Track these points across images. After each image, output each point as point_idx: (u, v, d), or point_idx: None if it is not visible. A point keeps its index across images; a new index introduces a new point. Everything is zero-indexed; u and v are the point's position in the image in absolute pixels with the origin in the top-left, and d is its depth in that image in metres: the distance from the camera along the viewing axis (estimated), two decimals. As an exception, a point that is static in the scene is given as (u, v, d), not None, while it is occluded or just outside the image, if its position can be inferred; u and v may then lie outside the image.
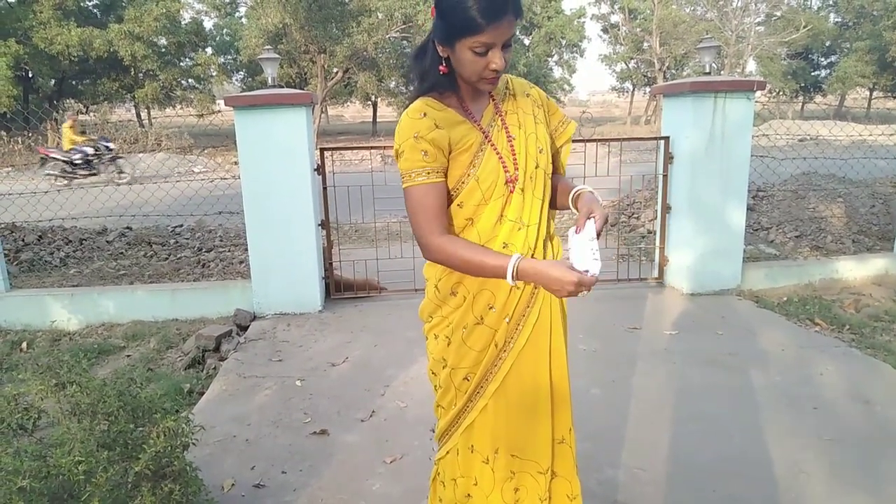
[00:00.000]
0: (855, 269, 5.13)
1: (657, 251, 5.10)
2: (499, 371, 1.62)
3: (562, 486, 1.72)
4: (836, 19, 35.37)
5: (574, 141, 2.75)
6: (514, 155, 1.56)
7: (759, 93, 4.71)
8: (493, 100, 1.60)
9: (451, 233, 1.55)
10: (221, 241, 6.94)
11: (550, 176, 1.64)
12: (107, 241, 6.89)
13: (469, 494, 1.74)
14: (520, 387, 1.63)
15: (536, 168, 1.57)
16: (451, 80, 1.52)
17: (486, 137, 1.55)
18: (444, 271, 1.61)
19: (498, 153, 1.55)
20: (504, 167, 1.55)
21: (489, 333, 1.60)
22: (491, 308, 1.58)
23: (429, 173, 1.49)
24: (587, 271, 1.39)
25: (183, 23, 24.48)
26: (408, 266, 4.95)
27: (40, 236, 6.73)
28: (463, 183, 1.54)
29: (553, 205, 1.69)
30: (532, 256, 1.56)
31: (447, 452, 1.74)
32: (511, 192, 1.55)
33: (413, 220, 1.52)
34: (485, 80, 1.46)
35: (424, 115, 1.50)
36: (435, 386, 1.75)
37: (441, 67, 1.48)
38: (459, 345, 1.63)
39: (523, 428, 1.65)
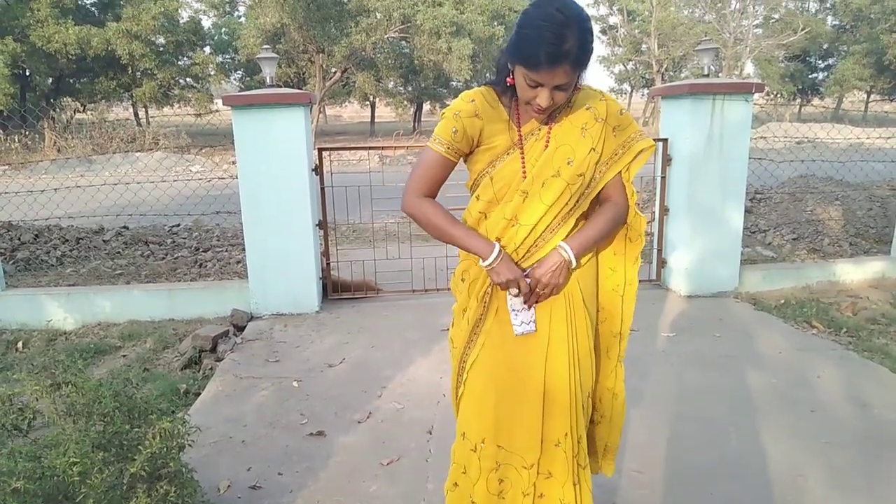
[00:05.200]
0: (852, 272, 5.14)
1: (655, 253, 5.10)
2: (475, 344, 1.75)
3: (555, 490, 1.74)
4: (834, 22, 35.44)
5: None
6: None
7: (756, 95, 4.71)
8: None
9: (432, 197, 1.71)
10: (219, 240, 6.93)
11: (580, 191, 1.65)
12: (103, 241, 6.87)
13: (456, 483, 1.83)
14: (500, 373, 1.71)
15: (554, 177, 1.62)
16: (513, 88, 1.58)
17: (518, 143, 1.64)
18: (463, 258, 1.78)
19: (523, 162, 1.63)
20: (524, 176, 1.63)
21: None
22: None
23: (448, 148, 1.65)
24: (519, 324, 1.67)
25: (181, 21, 24.39)
26: (405, 267, 4.95)
27: (36, 235, 6.71)
28: (482, 177, 1.69)
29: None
30: (520, 254, 1.67)
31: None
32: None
33: (412, 174, 1.69)
34: (532, 108, 1.55)
35: (473, 101, 1.64)
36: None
37: (508, 79, 1.57)
38: (458, 325, 1.81)
39: (507, 419, 1.72)
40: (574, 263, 1.64)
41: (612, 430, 1.91)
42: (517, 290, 1.63)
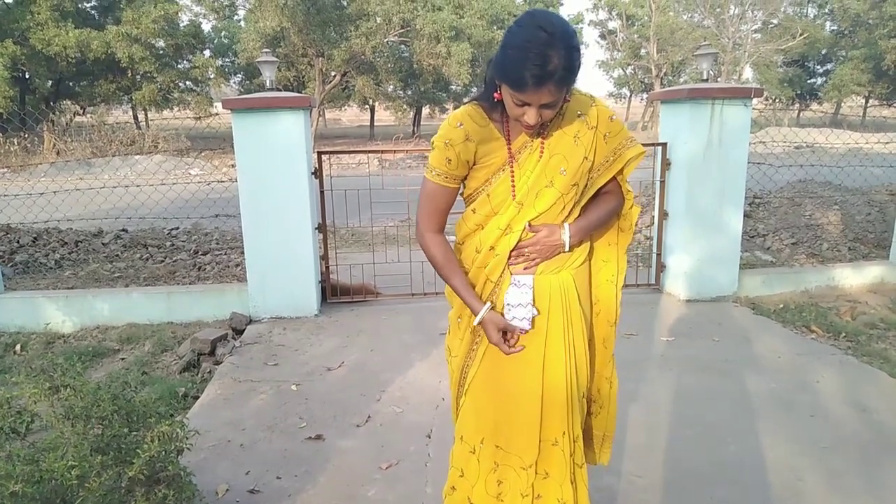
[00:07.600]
0: (851, 277, 5.14)
1: (654, 257, 5.10)
2: (475, 356, 1.75)
3: (552, 489, 1.75)
4: (832, 27, 35.58)
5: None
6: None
7: (755, 100, 4.72)
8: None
9: (442, 229, 1.73)
10: (218, 244, 6.92)
11: (574, 200, 1.66)
12: (102, 244, 6.86)
13: (454, 487, 1.84)
14: (498, 376, 1.72)
15: (548, 187, 1.63)
16: (501, 103, 1.57)
17: (510, 162, 1.64)
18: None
19: (513, 179, 1.64)
20: (513, 196, 1.64)
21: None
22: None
23: (446, 177, 1.66)
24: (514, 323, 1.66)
25: (181, 25, 24.41)
26: (404, 270, 4.94)
27: (35, 238, 6.70)
28: (478, 193, 1.69)
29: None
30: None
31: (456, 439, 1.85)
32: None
33: (419, 206, 1.72)
34: (521, 125, 1.54)
35: (461, 125, 1.60)
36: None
37: (496, 94, 1.56)
38: (454, 332, 1.83)
39: (506, 420, 1.73)
40: (567, 247, 1.66)
41: (608, 419, 1.93)
42: (517, 312, 1.66)
